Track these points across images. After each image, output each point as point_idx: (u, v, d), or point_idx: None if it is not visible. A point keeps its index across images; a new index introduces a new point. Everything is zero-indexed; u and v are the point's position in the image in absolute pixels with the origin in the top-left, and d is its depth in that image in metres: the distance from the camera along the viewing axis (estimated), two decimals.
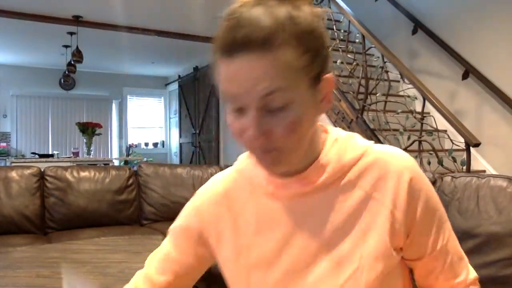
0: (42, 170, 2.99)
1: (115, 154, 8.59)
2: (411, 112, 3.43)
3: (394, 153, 0.66)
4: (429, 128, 3.30)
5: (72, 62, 5.63)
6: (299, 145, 0.59)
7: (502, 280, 1.30)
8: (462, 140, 2.91)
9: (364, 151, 0.65)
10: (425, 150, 3.15)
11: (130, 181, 3.17)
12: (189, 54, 6.99)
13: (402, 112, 3.49)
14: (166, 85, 9.09)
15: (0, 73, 7.49)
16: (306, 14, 0.56)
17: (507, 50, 3.52)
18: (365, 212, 0.63)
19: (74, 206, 2.93)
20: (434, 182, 1.62)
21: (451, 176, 1.59)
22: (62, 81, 7.77)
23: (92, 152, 6.06)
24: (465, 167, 2.87)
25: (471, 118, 3.71)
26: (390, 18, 4.55)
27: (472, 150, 2.92)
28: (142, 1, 4.67)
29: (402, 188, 0.62)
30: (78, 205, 2.94)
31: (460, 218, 1.44)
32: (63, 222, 2.91)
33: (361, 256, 0.61)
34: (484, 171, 3.49)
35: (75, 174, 3.03)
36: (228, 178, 0.75)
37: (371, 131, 3.39)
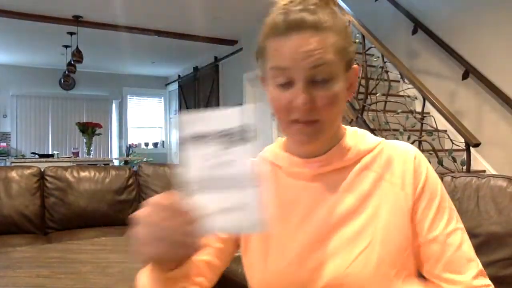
0: (42, 170, 3.00)
1: (115, 154, 8.59)
2: (411, 112, 3.43)
3: (402, 142, 0.77)
4: (429, 128, 3.30)
5: (72, 62, 5.63)
6: (336, 120, 0.70)
7: (502, 280, 1.30)
8: (462, 140, 2.91)
9: (378, 143, 0.75)
10: (425, 150, 3.14)
11: (130, 181, 3.18)
12: (189, 54, 7.00)
13: (402, 112, 3.49)
14: (166, 85, 9.09)
15: (0, 73, 7.50)
16: (340, 14, 0.69)
17: (507, 50, 3.52)
18: (377, 191, 0.70)
19: (74, 206, 2.94)
20: None
21: (451, 176, 1.59)
22: (62, 81, 7.77)
23: (92, 152, 6.06)
24: (465, 167, 2.87)
25: (471, 118, 3.70)
26: (390, 18, 4.54)
27: (472, 150, 2.92)
28: (142, 1, 4.68)
29: (409, 165, 0.71)
30: (78, 205, 2.94)
31: (460, 218, 1.44)
32: (63, 222, 2.91)
33: (374, 230, 0.67)
34: (484, 171, 3.49)
35: (75, 174, 3.03)
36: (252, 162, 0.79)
37: (371, 131, 3.37)
